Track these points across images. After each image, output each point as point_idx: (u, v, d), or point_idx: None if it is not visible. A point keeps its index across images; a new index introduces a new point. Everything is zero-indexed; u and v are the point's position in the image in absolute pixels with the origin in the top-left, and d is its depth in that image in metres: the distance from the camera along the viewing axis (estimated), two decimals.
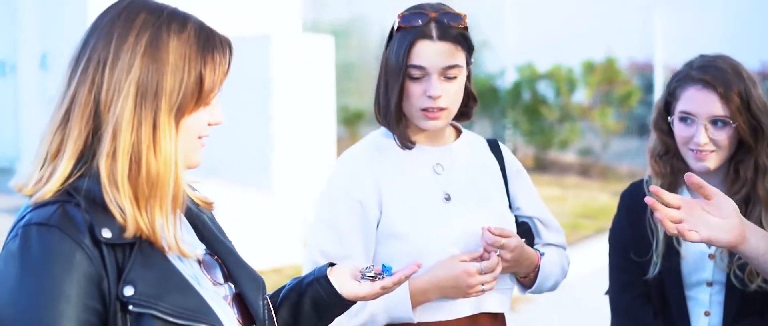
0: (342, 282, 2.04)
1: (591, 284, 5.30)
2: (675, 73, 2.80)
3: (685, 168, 2.77)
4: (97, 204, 1.68)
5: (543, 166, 13.05)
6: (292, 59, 8.57)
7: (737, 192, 2.73)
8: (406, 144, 2.54)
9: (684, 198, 2.24)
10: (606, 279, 2.94)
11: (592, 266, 6.55)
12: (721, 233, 2.24)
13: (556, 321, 6.79)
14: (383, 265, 2.06)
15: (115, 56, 1.70)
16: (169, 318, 1.68)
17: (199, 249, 1.86)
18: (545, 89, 13.49)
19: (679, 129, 2.74)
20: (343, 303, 2.05)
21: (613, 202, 2.96)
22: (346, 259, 2.43)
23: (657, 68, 13.56)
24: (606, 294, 2.93)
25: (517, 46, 14.36)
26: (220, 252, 1.90)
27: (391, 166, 2.54)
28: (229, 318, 1.80)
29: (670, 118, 2.78)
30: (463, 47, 2.49)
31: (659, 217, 2.20)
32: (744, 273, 2.69)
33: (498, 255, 2.46)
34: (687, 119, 2.72)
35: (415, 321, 2.49)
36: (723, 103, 2.67)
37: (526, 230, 2.65)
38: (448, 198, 2.54)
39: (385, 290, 2.04)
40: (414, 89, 2.47)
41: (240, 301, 1.89)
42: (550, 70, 13.35)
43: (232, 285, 1.88)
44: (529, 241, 2.63)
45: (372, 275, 2.05)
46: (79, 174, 1.71)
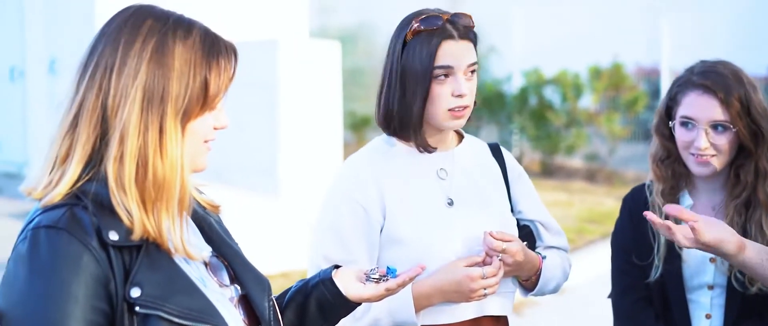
0: (347, 284, 2.05)
1: (596, 288, 5.30)
2: (676, 79, 2.82)
3: (687, 172, 2.80)
4: (105, 207, 1.71)
5: (549, 171, 13.03)
6: (299, 64, 8.57)
7: (738, 197, 2.74)
8: (428, 148, 2.54)
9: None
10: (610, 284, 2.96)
11: (598, 270, 6.55)
12: (727, 234, 2.29)
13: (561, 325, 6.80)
14: (387, 267, 2.07)
15: (121, 62, 1.73)
16: (176, 319, 1.70)
17: (206, 251, 1.88)
18: (552, 94, 13.44)
19: (680, 133, 2.76)
20: (348, 305, 2.06)
21: (619, 207, 2.98)
22: (349, 264, 2.41)
23: (664, 73, 13.51)
24: (608, 297, 2.95)
25: (523, 51, 14.34)
26: (226, 254, 1.91)
27: (395, 171, 2.54)
28: (234, 320, 1.82)
29: (671, 123, 2.79)
30: (475, 44, 2.52)
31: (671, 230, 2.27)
32: (745, 277, 2.71)
33: (500, 259, 2.47)
34: (688, 124, 2.73)
35: (419, 324, 2.50)
36: (723, 108, 2.69)
37: (527, 233, 2.66)
38: (451, 203, 2.55)
39: (390, 292, 2.05)
40: (440, 91, 2.46)
41: (246, 303, 1.90)
42: (556, 76, 13.29)
43: (238, 287, 1.90)
44: (531, 244, 2.65)
45: (377, 277, 2.05)
46: (87, 178, 1.73)
